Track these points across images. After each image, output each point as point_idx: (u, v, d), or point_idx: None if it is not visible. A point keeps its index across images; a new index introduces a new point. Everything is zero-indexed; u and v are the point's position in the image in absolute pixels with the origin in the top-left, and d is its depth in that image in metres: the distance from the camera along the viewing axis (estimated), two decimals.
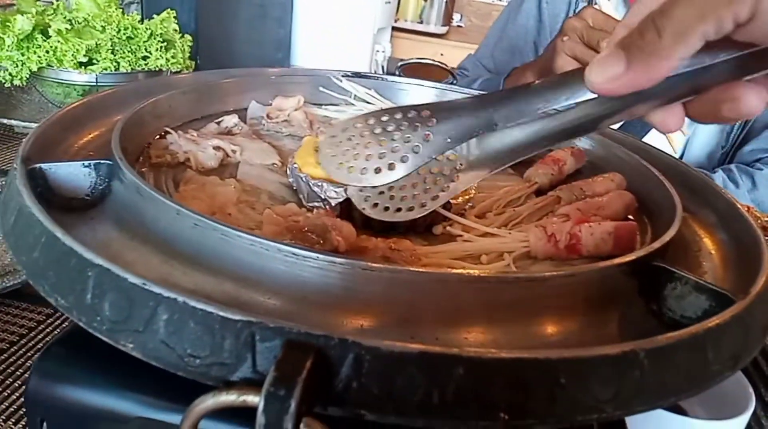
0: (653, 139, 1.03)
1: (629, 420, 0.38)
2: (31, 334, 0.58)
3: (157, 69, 0.99)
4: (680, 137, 1.09)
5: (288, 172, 0.48)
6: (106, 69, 0.95)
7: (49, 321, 0.60)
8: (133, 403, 0.36)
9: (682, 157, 1.12)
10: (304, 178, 0.45)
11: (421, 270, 0.31)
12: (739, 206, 0.44)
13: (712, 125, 1.07)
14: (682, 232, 0.44)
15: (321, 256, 0.30)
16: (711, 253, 0.43)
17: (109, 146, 0.41)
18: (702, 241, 0.44)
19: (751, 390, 0.49)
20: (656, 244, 0.36)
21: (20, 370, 0.54)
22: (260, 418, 0.22)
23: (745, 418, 0.47)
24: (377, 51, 2.02)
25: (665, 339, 0.27)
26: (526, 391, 0.25)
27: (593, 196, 0.47)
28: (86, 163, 0.39)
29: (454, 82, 0.76)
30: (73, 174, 0.39)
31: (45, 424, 0.38)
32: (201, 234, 0.32)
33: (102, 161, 0.39)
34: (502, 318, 0.31)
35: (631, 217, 0.47)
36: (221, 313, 0.25)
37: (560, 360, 0.25)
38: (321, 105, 0.66)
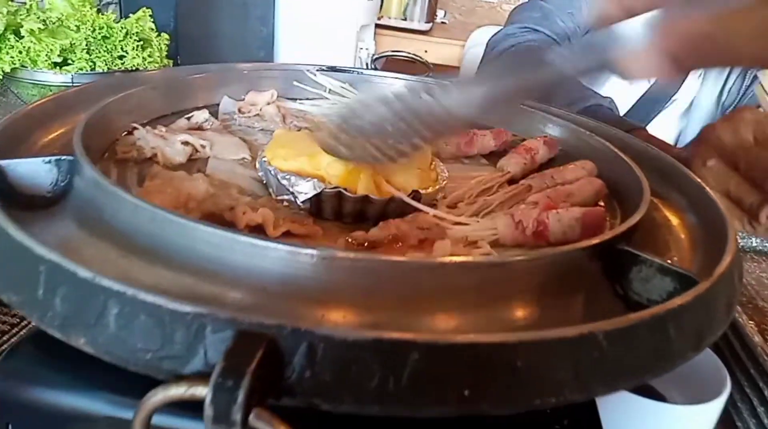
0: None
1: (602, 405, 0.38)
2: (4, 338, 0.57)
3: (133, 68, 0.98)
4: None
5: (257, 165, 0.48)
6: (81, 69, 0.94)
7: (23, 323, 0.59)
8: (101, 402, 0.35)
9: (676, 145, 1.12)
10: (272, 171, 0.45)
11: (381, 257, 0.31)
12: (708, 190, 0.44)
13: (704, 114, 1.08)
14: (653, 215, 0.44)
15: (280, 246, 0.30)
16: (680, 237, 0.43)
17: (71, 145, 0.40)
18: (672, 224, 0.44)
19: (726, 373, 0.49)
20: (621, 228, 0.36)
21: None
22: (208, 410, 0.22)
23: (720, 401, 0.47)
24: (361, 48, 2.01)
25: (624, 320, 0.27)
26: (483, 376, 0.24)
27: (564, 184, 0.47)
28: (47, 159, 0.39)
29: (430, 75, 0.75)
30: (34, 171, 0.38)
31: (10, 426, 0.37)
32: (159, 227, 0.32)
33: (63, 157, 0.39)
34: (465, 304, 0.31)
35: (601, 203, 0.47)
36: (171, 306, 0.25)
37: (516, 343, 0.25)
38: (296, 99, 0.65)
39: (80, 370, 0.37)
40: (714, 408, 0.48)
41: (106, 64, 0.96)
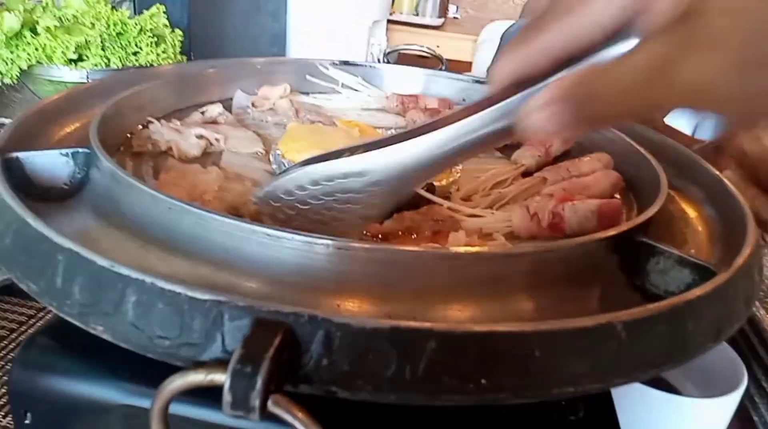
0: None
1: (618, 398, 0.38)
2: (22, 329, 0.58)
3: (148, 64, 0.99)
4: None
5: (271, 158, 0.48)
6: (96, 65, 0.95)
7: (39, 315, 0.60)
8: (117, 390, 0.36)
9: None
10: (286, 164, 0.45)
11: (396, 248, 0.31)
12: (726, 182, 0.43)
13: None
14: (669, 208, 0.44)
15: (296, 237, 0.30)
16: (698, 229, 0.42)
17: (89, 137, 0.40)
18: (689, 217, 0.44)
19: (743, 367, 0.48)
20: (639, 219, 0.35)
21: (9, 365, 0.54)
22: (226, 396, 0.22)
23: (736, 395, 0.47)
24: (373, 44, 2.01)
25: (643, 311, 0.27)
26: (500, 365, 0.24)
27: (579, 176, 0.47)
28: (64, 151, 0.39)
29: (443, 68, 0.75)
30: (51, 163, 0.39)
31: (29, 414, 0.37)
32: (175, 218, 0.32)
33: (79, 150, 0.39)
34: (480, 295, 0.31)
35: (617, 196, 0.47)
36: (189, 294, 0.25)
37: (534, 333, 0.25)
38: (308, 93, 0.66)
39: (97, 359, 0.37)
40: (730, 402, 0.47)
41: (121, 61, 0.96)
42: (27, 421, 0.37)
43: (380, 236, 0.40)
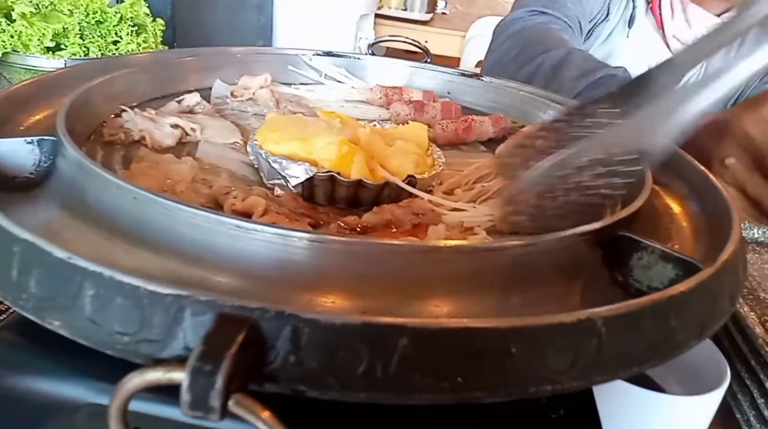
0: None
1: (600, 396, 0.37)
2: None
3: (128, 54, 0.97)
4: None
5: (248, 149, 0.47)
6: (75, 54, 0.92)
7: (11, 310, 0.58)
8: (83, 388, 0.34)
9: None
10: (264, 155, 0.44)
11: (373, 241, 0.30)
12: (711, 177, 0.43)
13: None
14: (654, 203, 0.43)
15: (267, 228, 0.29)
16: (683, 225, 0.41)
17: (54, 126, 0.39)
18: (674, 212, 0.43)
19: (726, 364, 0.48)
20: (622, 214, 0.34)
21: None
22: (185, 396, 0.21)
23: (719, 393, 0.46)
24: (360, 38, 1.99)
25: (624, 306, 0.26)
26: (475, 362, 0.23)
27: None
28: (28, 139, 0.37)
29: (428, 60, 0.74)
30: (15, 151, 0.37)
31: None
32: (142, 209, 0.31)
33: (45, 137, 0.37)
34: (460, 290, 0.30)
35: None
36: (149, 287, 0.24)
37: (511, 329, 0.24)
38: (290, 84, 0.64)
39: (62, 356, 0.36)
40: (713, 399, 0.47)
41: (100, 50, 0.94)
42: None
43: (359, 229, 0.38)
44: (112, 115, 0.48)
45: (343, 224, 0.38)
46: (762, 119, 0.53)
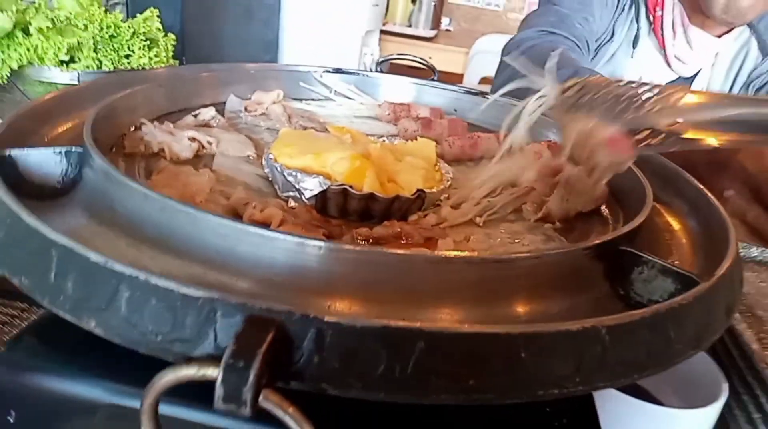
0: None
1: (600, 407, 0.39)
2: (5, 328, 0.57)
3: (140, 68, 0.99)
4: None
5: (263, 162, 0.48)
6: (88, 67, 0.95)
7: (24, 315, 0.59)
8: (103, 390, 0.36)
9: None
10: (279, 168, 0.45)
11: (387, 251, 0.31)
12: (708, 193, 0.44)
13: None
14: (655, 220, 0.45)
15: (288, 238, 0.30)
16: (682, 241, 0.43)
17: (81, 137, 0.41)
18: (673, 229, 0.45)
19: (723, 379, 0.49)
20: (624, 229, 0.36)
21: None
22: (218, 390, 0.22)
23: (717, 407, 0.48)
24: (365, 54, 2.03)
25: (626, 316, 0.27)
26: (486, 366, 0.25)
27: None
28: (57, 150, 0.39)
29: (435, 78, 0.76)
30: (44, 161, 0.39)
31: (13, 413, 0.37)
32: (168, 217, 0.32)
33: (73, 148, 0.39)
34: (469, 299, 0.31)
35: (604, 207, 0.48)
36: (183, 291, 0.25)
37: (520, 335, 0.25)
38: (301, 100, 0.66)
39: (83, 358, 0.37)
40: (711, 413, 0.48)
41: (113, 63, 0.96)
42: (11, 420, 0.37)
43: (371, 241, 0.40)
44: (132, 128, 0.50)
45: (357, 235, 0.40)
46: (758, 154, 0.55)
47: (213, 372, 0.23)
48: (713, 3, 0.93)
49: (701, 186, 0.47)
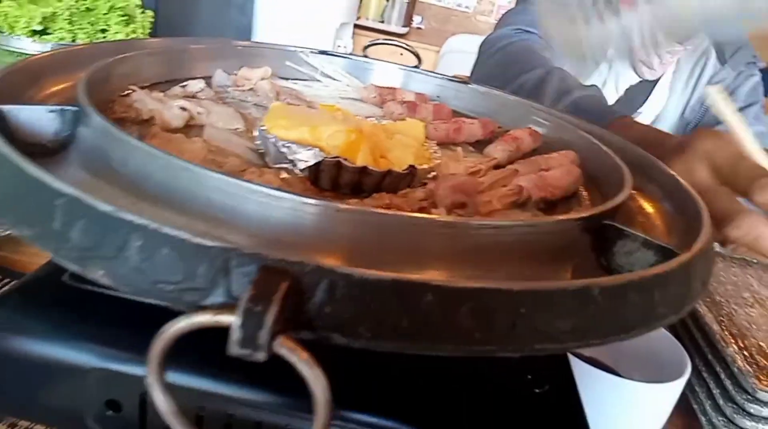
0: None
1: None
2: None
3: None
4: None
5: (255, 134, 0.49)
6: (62, 39, 0.92)
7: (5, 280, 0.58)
8: (90, 354, 0.35)
9: None
10: (272, 139, 0.46)
11: (392, 213, 0.32)
12: (681, 180, 0.47)
13: (669, 128, 1.13)
14: (630, 205, 0.47)
15: (295, 197, 0.31)
16: (656, 223, 0.45)
17: (72, 99, 0.40)
18: (648, 212, 0.47)
19: (687, 358, 0.52)
20: (609, 204, 0.38)
21: None
22: (235, 333, 0.23)
23: (681, 382, 0.50)
24: (338, 46, 2.03)
25: (617, 278, 0.29)
26: (489, 319, 0.26)
27: (548, 170, 0.50)
28: (51, 108, 0.38)
29: (419, 66, 0.77)
30: (36, 118, 0.38)
31: None
32: (173, 175, 0.32)
33: (67, 107, 0.39)
34: (465, 262, 0.33)
35: (582, 189, 0.50)
36: (196, 240, 0.25)
37: (522, 291, 0.27)
38: (287, 79, 0.66)
39: (69, 321, 0.37)
40: (674, 387, 0.51)
41: (88, 37, 0.94)
42: None
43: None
44: (122, 94, 0.49)
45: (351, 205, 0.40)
46: (688, 170, 0.58)
47: (228, 318, 0.23)
48: None
49: (674, 172, 0.50)
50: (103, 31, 0.96)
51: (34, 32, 0.91)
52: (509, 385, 0.38)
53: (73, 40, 0.93)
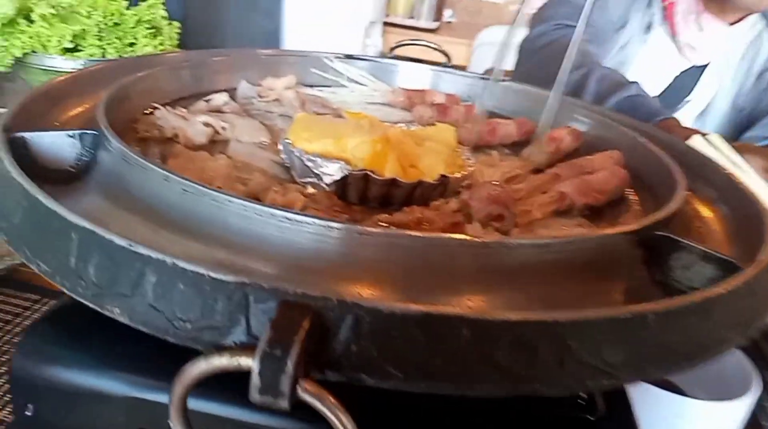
0: None
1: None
2: (17, 320, 0.56)
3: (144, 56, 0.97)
4: None
5: (280, 148, 0.47)
6: (92, 55, 0.93)
7: (35, 306, 0.58)
8: (121, 382, 0.35)
9: None
10: (297, 153, 0.44)
11: (420, 235, 0.30)
12: (738, 179, 0.43)
13: (720, 117, 1.07)
14: (684, 208, 0.43)
15: (316, 221, 0.29)
16: (714, 229, 0.42)
17: (94, 121, 0.39)
18: (704, 217, 0.43)
19: (754, 373, 0.48)
20: (661, 214, 0.35)
21: (5, 357, 0.52)
22: (255, 380, 0.21)
23: (747, 400, 0.47)
24: (368, 45, 2.01)
25: (674, 302, 0.26)
26: (533, 355, 0.24)
27: (592, 173, 0.47)
28: (70, 133, 0.38)
29: (448, 65, 0.75)
30: (57, 144, 0.37)
31: (30, 406, 0.36)
32: (190, 200, 0.31)
33: (87, 131, 0.38)
34: (503, 285, 0.30)
35: (632, 194, 0.47)
36: (213, 275, 0.24)
37: (568, 322, 0.24)
38: (313, 86, 0.65)
39: (99, 349, 0.36)
40: (740, 406, 0.47)
41: (117, 51, 0.95)
42: (28, 413, 0.36)
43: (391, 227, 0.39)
44: (144, 112, 0.48)
45: (378, 222, 0.38)
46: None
47: (248, 361, 0.22)
48: None
49: (728, 170, 0.46)
50: (132, 44, 0.96)
51: (66, 50, 0.92)
52: (558, 412, 0.35)
53: (103, 56, 0.94)
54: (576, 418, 0.34)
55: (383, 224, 0.39)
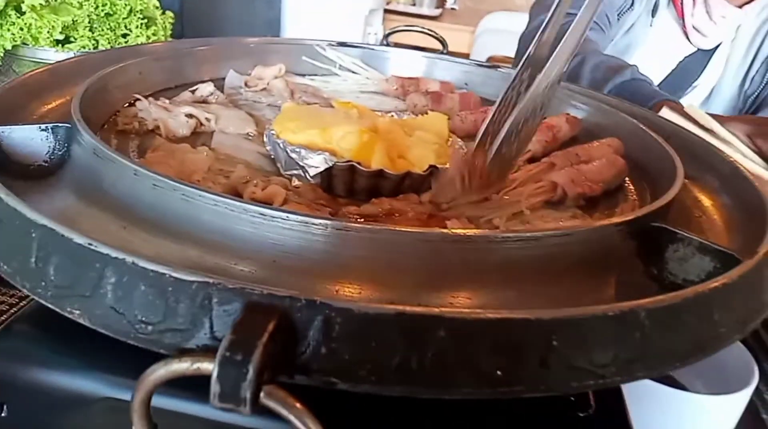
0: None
1: (626, 394, 0.36)
2: (2, 318, 0.55)
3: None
4: None
5: (265, 139, 0.46)
6: (84, 47, 0.91)
7: (22, 304, 0.57)
8: (99, 382, 0.34)
9: None
10: (281, 145, 0.43)
11: (402, 229, 0.29)
12: (742, 169, 0.41)
13: (726, 102, 1.05)
14: (683, 197, 0.42)
15: (291, 216, 0.28)
16: (714, 218, 0.40)
17: (69, 114, 0.38)
18: (704, 206, 0.42)
19: (754, 365, 0.47)
20: (657, 204, 0.33)
21: None
22: (214, 387, 0.20)
23: (747, 393, 0.45)
24: (369, 33, 1.98)
25: (668, 298, 0.25)
26: (515, 355, 0.22)
27: (588, 162, 0.45)
28: (43, 126, 0.36)
29: (444, 51, 0.73)
30: (29, 138, 0.36)
31: (5, 407, 0.35)
32: (161, 196, 0.30)
33: (59, 124, 0.36)
34: (490, 281, 0.29)
35: (628, 182, 0.45)
36: (175, 275, 0.23)
37: (553, 320, 0.23)
38: (304, 75, 0.63)
39: (77, 349, 0.35)
40: (740, 399, 0.45)
41: (109, 42, 0.93)
42: (2, 414, 0.35)
43: (360, 219, 0.37)
44: (126, 104, 0.47)
45: (346, 214, 0.37)
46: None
47: (208, 366, 0.20)
48: None
49: (733, 159, 0.44)
50: (125, 35, 0.95)
51: (57, 42, 0.90)
52: (548, 408, 0.34)
53: (96, 47, 0.92)
54: (565, 414, 0.32)
55: (351, 216, 0.37)
